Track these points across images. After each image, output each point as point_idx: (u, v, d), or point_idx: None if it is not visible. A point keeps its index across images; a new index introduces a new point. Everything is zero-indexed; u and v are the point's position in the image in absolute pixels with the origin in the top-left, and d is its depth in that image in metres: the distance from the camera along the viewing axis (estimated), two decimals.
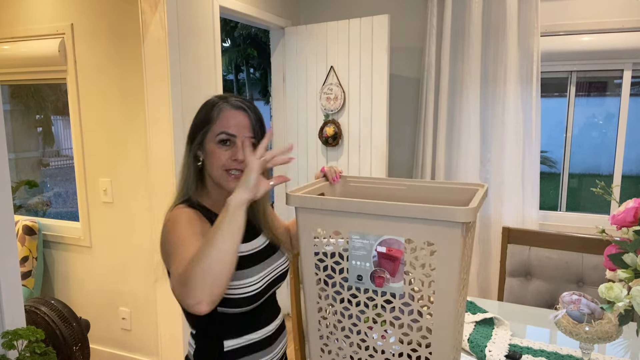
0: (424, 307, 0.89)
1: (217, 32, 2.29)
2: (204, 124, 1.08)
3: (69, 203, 3.28)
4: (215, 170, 1.06)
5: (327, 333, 1.02)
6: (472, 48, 2.60)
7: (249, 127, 1.07)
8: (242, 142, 1.05)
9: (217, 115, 1.07)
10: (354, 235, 0.94)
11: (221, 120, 1.06)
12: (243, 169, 0.99)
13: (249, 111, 1.08)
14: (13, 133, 3.11)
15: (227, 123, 1.06)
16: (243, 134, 1.06)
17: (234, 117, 1.07)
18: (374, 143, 2.72)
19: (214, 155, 1.05)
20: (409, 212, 0.85)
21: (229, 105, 1.08)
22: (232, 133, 1.05)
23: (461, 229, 0.82)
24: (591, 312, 1.03)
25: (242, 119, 1.07)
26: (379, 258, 0.92)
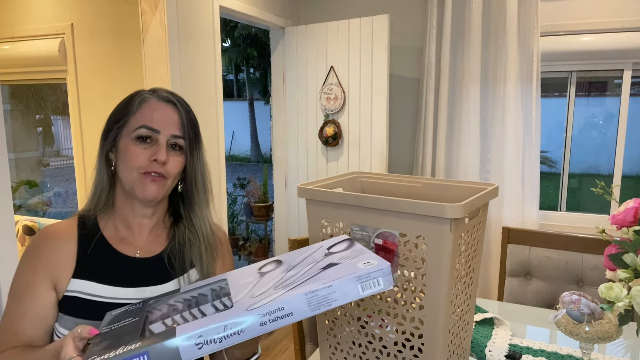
0: (417, 299, 0.91)
1: (217, 32, 2.29)
2: (120, 116, 0.88)
3: (69, 203, 3.28)
4: (129, 172, 0.85)
5: (333, 318, 1.05)
6: (472, 48, 2.61)
7: (177, 123, 0.87)
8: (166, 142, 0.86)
9: (137, 106, 0.87)
10: (354, 227, 0.98)
11: (142, 112, 0.86)
12: (164, 174, 0.86)
13: (178, 105, 0.89)
14: (13, 133, 3.11)
15: (150, 116, 0.85)
16: (169, 132, 0.86)
17: (159, 110, 0.87)
18: (374, 143, 2.72)
19: (129, 153, 0.84)
20: (401, 207, 0.89)
21: (154, 96, 0.88)
22: (154, 128, 0.85)
23: (450, 225, 0.84)
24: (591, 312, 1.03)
25: (170, 112, 0.87)
26: (376, 250, 0.96)
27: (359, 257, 0.69)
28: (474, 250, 1.00)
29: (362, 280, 0.63)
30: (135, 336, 0.62)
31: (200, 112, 2.21)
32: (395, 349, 0.96)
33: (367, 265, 0.65)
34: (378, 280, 0.63)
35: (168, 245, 0.93)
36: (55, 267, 0.85)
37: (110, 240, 0.90)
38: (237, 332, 0.59)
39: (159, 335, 0.59)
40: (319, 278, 0.65)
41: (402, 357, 0.95)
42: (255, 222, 4.41)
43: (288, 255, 0.79)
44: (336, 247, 0.76)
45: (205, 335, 0.58)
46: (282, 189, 3.16)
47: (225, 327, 0.58)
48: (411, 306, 0.92)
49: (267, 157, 12.68)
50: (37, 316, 0.83)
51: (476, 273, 1.05)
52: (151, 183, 0.85)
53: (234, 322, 0.59)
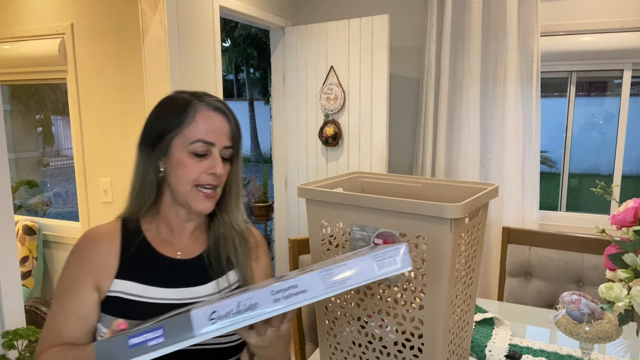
0: (417, 299, 0.91)
1: (217, 32, 2.29)
2: (173, 125, 0.86)
3: (69, 203, 3.28)
4: (183, 186, 0.86)
5: (333, 318, 1.05)
6: (472, 48, 2.60)
7: (228, 134, 0.88)
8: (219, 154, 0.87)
9: (191, 116, 0.85)
10: (354, 227, 0.98)
11: (197, 124, 0.85)
12: (218, 185, 0.88)
13: (228, 114, 0.89)
14: (13, 133, 3.11)
15: (205, 128, 0.85)
16: (222, 143, 0.87)
17: (213, 120, 0.86)
18: (374, 143, 2.72)
19: (184, 166, 0.85)
20: (401, 207, 0.89)
21: (206, 106, 0.87)
22: (210, 141, 0.85)
23: (450, 225, 0.84)
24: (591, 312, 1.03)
25: (222, 123, 0.87)
26: None
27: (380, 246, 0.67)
28: (474, 250, 1.00)
29: (378, 258, 0.61)
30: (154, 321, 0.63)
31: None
32: (395, 349, 0.96)
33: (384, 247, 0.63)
34: (395, 259, 0.61)
35: (207, 246, 0.95)
36: (99, 268, 0.87)
37: (152, 242, 0.91)
38: (250, 307, 0.57)
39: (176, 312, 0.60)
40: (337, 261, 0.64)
41: (402, 357, 0.95)
42: (255, 222, 4.41)
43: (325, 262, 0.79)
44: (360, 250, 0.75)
45: (218, 310, 0.57)
46: (282, 189, 3.16)
47: (239, 302, 0.57)
48: (411, 306, 0.92)
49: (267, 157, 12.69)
50: (80, 316, 0.85)
51: (476, 273, 1.05)
52: (205, 199, 0.87)
53: (247, 297, 0.58)
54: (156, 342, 0.55)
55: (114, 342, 0.56)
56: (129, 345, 0.55)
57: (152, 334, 0.55)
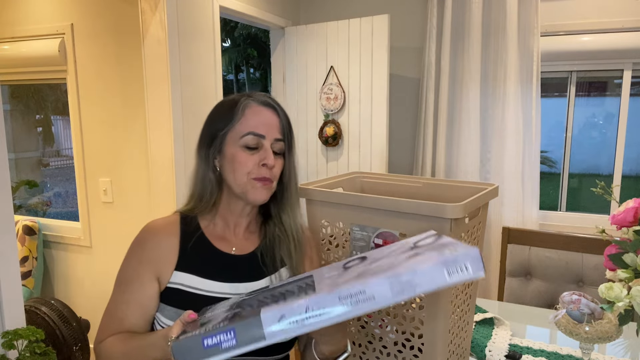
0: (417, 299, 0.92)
1: (217, 32, 2.29)
2: (224, 123, 0.89)
3: (69, 203, 3.28)
4: (239, 179, 0.88)
5: None
6: (472, 48, 2.60)
7: (278, 127, 0.90)
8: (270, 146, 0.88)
9: (240, 112, 0.88)
10: (354, 227, 0.98)
11: (247, 118, 0.88)
12: (272, 177, 0.89)
13: (278, 109, 0.91)
14: (13, 133, 3.11)
15: (255, 122, 0.87)
16: (272, 136, 0.89)
17: (262, 114, 0.89)
18: (374, 143, 2.72)
19: (237, 160, 0.87)
20: (401, 207, 0.89)
21: (254, 101, 0.90)
22: (260, 133, 0.87)
23: (450, 225, 0.84)
24: (591, 312, 1.03)
25: (271, 117, 0.89)
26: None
27: (446, 246, 0.65)
28: None
29: (449, 265, 0.58)
30: (226, 320, 0.65)
31: (200, 113, 2.21)
32: (395, 349, 0.96)
33: (452, 252, 0.61)
34: (466, 265, 0.58)
35: (260, 244, 0.97)
36: (160, 259, 0.89)
37: (209, 237, 0.93)
38: (319, 314, 0.58)
39: (245, 314, 0.61)
40: (402, 264, 0.62)
41: (402, 357, 0.95)
42: None
43: (373, 251, 0.77)
44: (422, 241, 0.73)
45: (288, 315, 0.58)
46: None
47: (307, 307, 0.58)
48: (411, 306, 0.92)
49: None
50: (141, 305, 0.88)
51: None
52: (262, 188, 0.88)
53: (315, 303, 0.58)
54: (228, 344, 0.58)
55: (190, 342, 0.59)
56: (204, 345, 0.59)
57: (225, 335, 0.58)
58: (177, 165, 2.05)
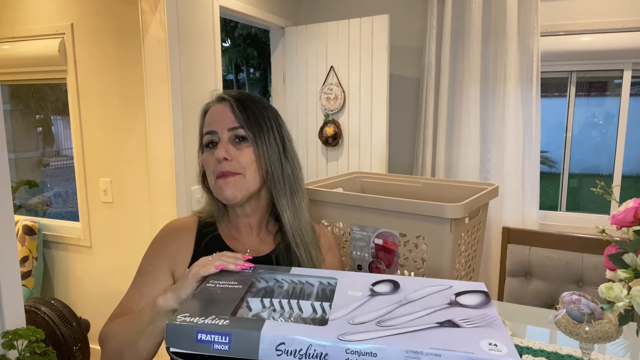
0: None
1: (217, 32, 2.29)
2: (199, 131, 0.93)
3: (69, 203, 3.28)
4: (210, 182, 0.89)
5: None
6: (472, 48, 2.60)
7: (231, 116, 0.87)
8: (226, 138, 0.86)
9: (202, 117, 0.92)
10: (354, 227, 0.97)
11: (206, 120, 0.91)
12: (237, 171, 0.85)
13: (230, 99, 0.88)
14: (13, 133, 3.11)
15: (208, 120, 0.89)
16: (225, 126, 0.86)
17: (214, 111, 0.89)
18: (374, 143, 2.72)
19: (204, 163, 0.90)
20: (401, 207, 0.88)
21: (212, 102, 0.91)
22: (212, 129, 0.87)
23: (450, 225, 0.83)
24: (591, 312, 1.03)
25: (221, 109, 0.88)
26: (376, 250, 0.95)
27: (487, 328, 0.58)
28: (474, 250, 1.00)
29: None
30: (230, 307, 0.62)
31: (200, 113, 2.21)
32: None
33: (492, 349, 0.53)
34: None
35: (275, 249, 0.95)
36: (176, 255, 0.90)
37: (224, 238, 0.94)
38: (319, 355, 0.55)
39: (248, 322, 0.59)
40: (429, 336, 0.56)
41: None
42: None
43: (409, 281, 0.71)
44: (466, 299, 0.66)
45: (287, 344, 0.55)
46: None
47: (311, 345, 0.55)
48: None
49: None
50: (152, 297, 0.86)
51: (476, 273, 1.05)
52: (224, 183, 0.86)
53: (320, 345, 0.54)
54: (221, 347, 0.56)
55: (184, 329, 0.57)
56: (197, 339, 0.57)
57: (220, 338, 0.56)
58: (177, 165, 2.05)
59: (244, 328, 0.56)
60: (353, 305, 0.62)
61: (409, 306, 0.62)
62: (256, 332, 0.55)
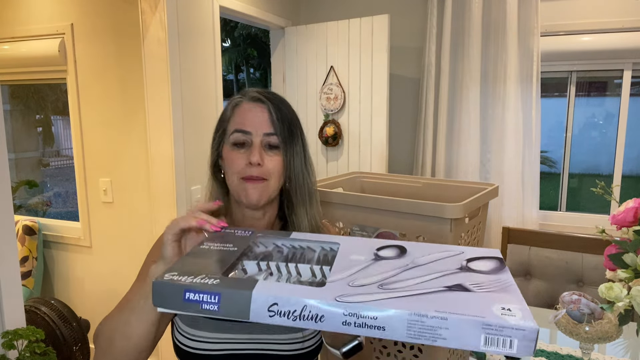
0: None
1: (217, 32, 2.29)
2: (220, 124, 0.90)
3: (69, 203, 3.28)
4: (231, 179, 0.86)
5: None
6: (472, 48, 2.60)
7: (268, 121, 0.85)
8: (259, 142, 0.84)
9: (230, 111, 0.88)
10: (354, 227, 0.97)
11: (235, 117, 0.87)
12: (264, 177, 0.85)
13: (268, 102, 0.87)
14: (13, 133, 3.11)
15: (241, 118, 0.86)
16: (261, 130, 0.85)
17: (250, 111, 0.86)
18: (374, 143, 2.72)
19: (229, 159, 0.86)
20: (401, 207, 0.88)
21: (244, 99, 0.88)
22: (246, 130, 0.85)
23: (450, 225, 0.83)
24: (591, 312, 1.03)
25: (259, 112, 0.86)
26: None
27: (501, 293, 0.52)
28: None
29: (490, 330, 0.46)
30: (222, 268, 0.59)
31: (200, 113, 2.21)
32: (395, 349, 0.96)
33: (505, 313, 0.48)
34: (512, 341, 0.46)
35: None
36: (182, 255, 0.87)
37: None
38: (315, 317, 0.50)
39: (239, 282, 0.55)
40: (435, 299, 0.50)
41: (402, 357, 0.95)
42: None
43: (417, 246, 0.66)
44: (479, 264, 0.60)
45: (281, 305, 0.51)
46: None
47: (305, 306, 0.50)
48: None
49: None
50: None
51: None
52: (252, 187, 0.84)
53: (315, 305, 0.50)
54: (209, 307, 0.53)
55: (171, 288, 0.54)
56: (184, 298, 0.53)
57: (209, 297, 0.53)
58: (177, 165, 2.05)
59: (234, 287, 0.53)
60: (354, 269, 0.58)
61: (415, 270, 0.57)
62: (247, 291, 0.52)
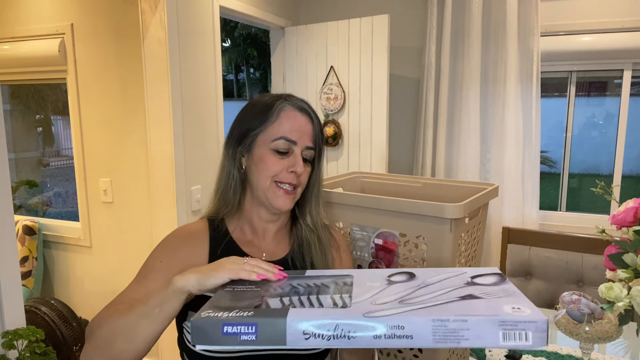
0: None
1: (217, 32, 2.29)
2: (257, 123, 0.87)
3: (69, 203, 3.28)
4: (263, 180, 0.86)
5: None
6: (472, 48, 2.60)
7: (311, 135, 0.88)
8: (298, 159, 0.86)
9: (276, 115, 0.87)
10: (354, 227, 0.98)
11: (281, 122, 0.86)
12: (298, 184, 0.87)
13: (312, 116, 0.89)
14: (13, 133, 3.11)
15: (288, 126, 0.86)
16: (304, 143, 0.87)
17: (296, 120, 0.87)
18: (374, 143, 2.72)
19: (265, 162, 0.86)
20: (401, 207, 0.89)
21: (290, 105, 0.88)
22: (293, 139, 0.85)
23: (450, 225, 0.84)
24: (591, 312, 1.03)
25: (305, 123, 0.88)
26: (376, 250, 0.96)
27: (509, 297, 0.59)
28: (474, 250, 1.00)
29: (506, 326, 0.52)
30: (252, 304, 0.61)
31: (200, 112, 2.21)
32: (395, 349, 0.96)
33: (516, 310, 0.54)
34: (527, 333, 0.52)
35: (290, 249, 0.94)
36: (190, 260, 0.87)
37: (238, 243, 0.91)
38: (347, 335, 0.54)
39: (273, 311, 0.58)
40: (453, 307, 0.56)
41: (402, 357, 0.95)
42: None
43: (423, 271, 0.71)
44: (482, 279, 0.66)
45: (315, 328, 0.54)
46: None
47: (337, 326, 0.54)
48: None
49: None
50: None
51: None
52: (284, 195, 0.86)
53: (347, 324, 0.54)
54: (247, 338, 0.56)
55: (210, 323, 0.56)
56: (223, 332, 0.56)
57: (246, 328, 0.56)
58: (177, 165, 2.05)
59: (269, 316, 0.56)
60: (373, 292, 0.62)
61: (428, 288, 0.63)
62: (282, 319, 0.55)
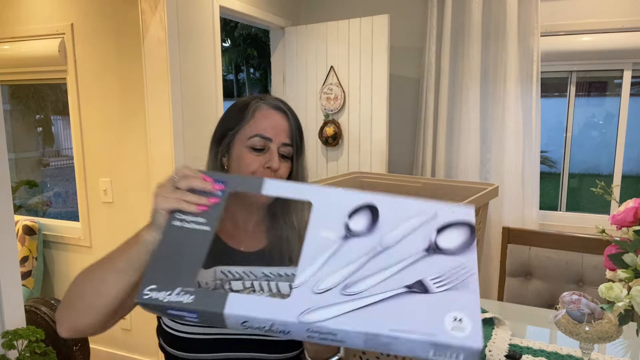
0: None
1: (217, 32, 2.29)
2: (234, 123, 0.92)
3: (69, 203, 3.28)
4: None
5: None
6: (472, 48, 2.61)
7: (287, 131, 0.91)
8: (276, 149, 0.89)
9: (251, 114, 0.91)
10: None
11: (256, 120, 0.90)
12: None
13: (288, 113, 0.93)
14: (13, 133, 3.11)
15: (263, 124, 0.90)
16: (279, 140, 0.90)
17: (271, 118, 0.91)
18: (374, 143, 2.72)
19: (243, 159, 0.89)
20: None
21: (265, 104, 0.92)
22: (268, 136, 0.89)
23: None
24: (591, 312, 1.03)
25: (280, 121, 0.91)
26: None
27: (459, 292, 0.57)
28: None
29: (438, 348, 0.53)
30: (195, 271, 0.63)
31: (200, 113, 2.21)
32: None
33: (455, 327, 0.53)
34: (458, 356, 0.53)
35: (268, 242, 0.97)
36: None
37: (219, 233, 0.94)
38: (282, 331, 0.58)
39: (211, 299, 0.59)
40: (393, 309, 0.56)
41: (402, 357, 0.95)
42: None
43: (389, 209, 0.67)
44: (448, 238, 0.63)
45: (250, 322, 0.58)
46: None
47: (273, 324, 0.57)
48: None
49: None
50: None
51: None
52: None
53: (281, 322, 0.57)
54: (191, 318, 0.60)
55: (154, 305, 0.60)
56: (168, 313, 0.61)
57: (188, 314, 0.60)
58: (177, 164, 2.05)
59: (207, 308, 0.58)
60: (322, 258, 0.62)
61: (382, 258, 0.61)
62: (219, 312, 0.57)
